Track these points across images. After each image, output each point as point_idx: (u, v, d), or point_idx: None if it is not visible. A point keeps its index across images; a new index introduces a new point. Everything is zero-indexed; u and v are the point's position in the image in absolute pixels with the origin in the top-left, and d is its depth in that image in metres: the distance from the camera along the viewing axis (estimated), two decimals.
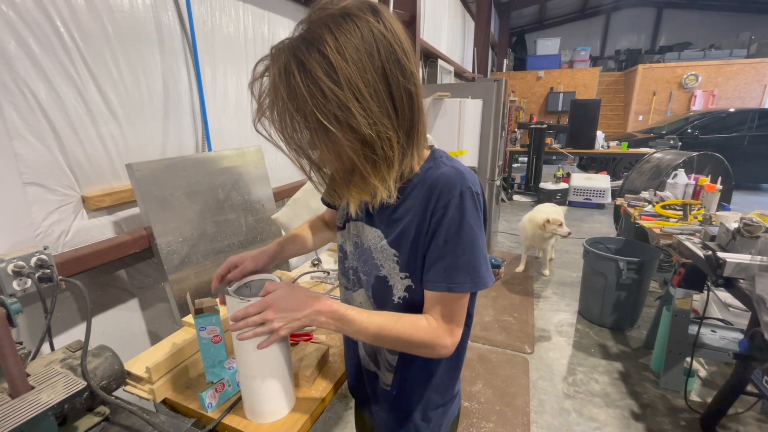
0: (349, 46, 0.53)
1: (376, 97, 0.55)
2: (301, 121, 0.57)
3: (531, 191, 6.74)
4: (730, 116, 7.22)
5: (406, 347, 0.70)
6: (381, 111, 0.56)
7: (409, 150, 0.63)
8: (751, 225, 1.60)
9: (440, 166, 0.68)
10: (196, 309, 0.94)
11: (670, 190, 2.87)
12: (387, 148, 0.58)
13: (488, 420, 1.99)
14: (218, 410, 0.92)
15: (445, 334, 0.67)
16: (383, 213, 0.72)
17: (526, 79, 11.52)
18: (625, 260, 2.53)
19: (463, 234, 0.63)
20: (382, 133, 0.57)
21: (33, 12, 1.05)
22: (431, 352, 0.69)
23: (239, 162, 1.65)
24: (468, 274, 0.65)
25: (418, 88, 0.61)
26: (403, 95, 0.58)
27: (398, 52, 0.57)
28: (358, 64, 0.53)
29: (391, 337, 0.68)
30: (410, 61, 0.59)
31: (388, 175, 0.61)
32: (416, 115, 0.61)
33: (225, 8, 1.70)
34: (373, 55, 0.54)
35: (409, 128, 0.61)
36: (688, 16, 12.29)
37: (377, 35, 0.55)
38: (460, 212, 0.63)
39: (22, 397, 0.70)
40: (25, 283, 0.93)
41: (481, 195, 0.66)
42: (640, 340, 2.65)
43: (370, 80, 0.54)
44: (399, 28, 0.58)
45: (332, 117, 0.54)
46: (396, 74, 0.56)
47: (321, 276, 1.64)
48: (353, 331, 0.69)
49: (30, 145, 1.07)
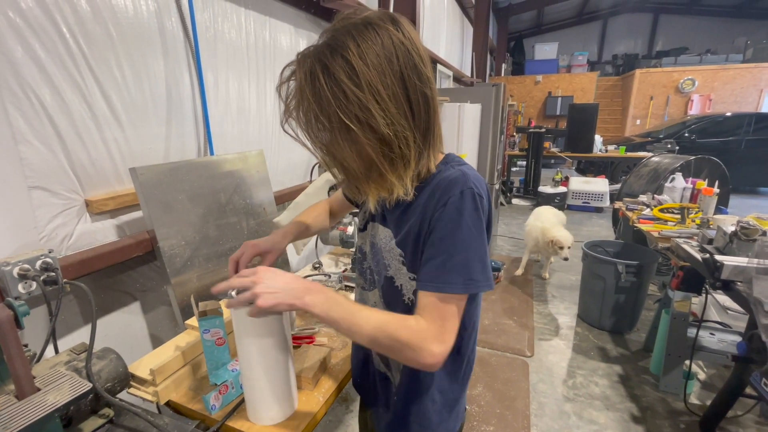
0: (370, 52, 0.57)
1: (394, 99, 0.59)
2: (325, 120, 0.60)
3: (530, 195, 6.77)
4: (727, 120, 7.26)
5: (389, 345, 0.63)
6: (399, 112, 0.60)
7: (426, 150, 0.66)
8: (748, 228, 1.62)
9: (449, 168, 0.70)
10: (200, 311, 0.95)
11: (668, 194, 2.90)
12: (404, 146, 0.62)
13: (488, 423, 2.00)
14: (222, 412, 0.93)
15: (432, 339, 0.62)
16: (395, 213, 0.74)
17: (524, 84, 11.58)
18: (624, 263, 2.55)
19: (459, 233, 0.63)
20: (399, 132, 0.60)
21: (40, 19, 1.07)
22: (416, 357, 0.62)
23: (241, 166, 1.66)
24: (459, 274, 0.63)
25: (434, 92, 0.64)
26: (419, 98, 0.62)
27: (415, 59, 0.61)
28: (378, 68, 0.57)
29: (375, 328, 0.63)
30: (426, 67, 0.63)
31: (404, 173, 0.64)
32: (432, 117, 0.65)
33: (227, 14, 1.72)
34: (392, 60, 0.59)
35: (425, 129, 0.65)
36: (685, 21, 12.40)
37: (396, 43, 0.59)
38: (458, 211, 0.63)
39: (29, 399, 0.71)
40: (30, 285, 0.94)
41: (485, 198, 0.66)
42: (639, 343, 2.66)
43: (389, 83, 0.58)
44: (416, 37, 0.63)
45: (353, 117, 0.58)
46: (413, 79, 0.61)
47: (322, 279, 1.65)
48: (338, 317, 0.64)
49: (35, 150, 1.08)
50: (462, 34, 7.89)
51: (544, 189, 6.12)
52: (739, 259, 1.56)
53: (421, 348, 0.61)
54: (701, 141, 7.21)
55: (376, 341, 0.64)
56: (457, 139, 3.10)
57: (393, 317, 0.66)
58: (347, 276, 1.58)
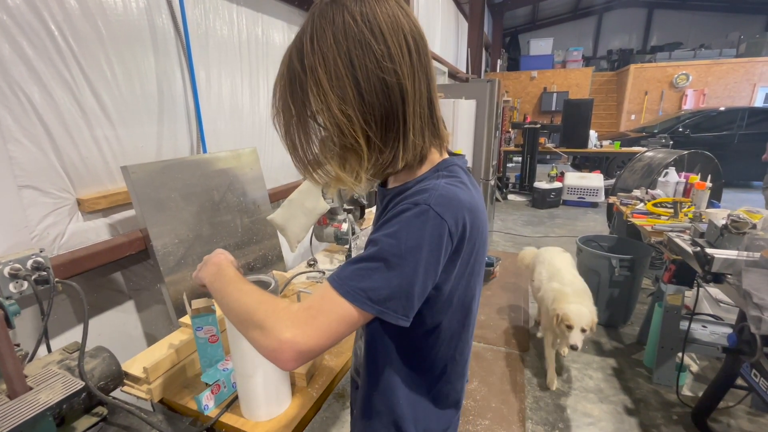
0: (321, 33, 0.53)
1: (336, 82, 0.53)
2: (281, 107, 0.60)
3: (525, 190, 6.79)
4: (721, 115, 7.31)
5: (243, 320, 0.56)
6: (341, 98, 0.53)
7: (391, 145, 0.57)
8: (738, 221, 1.64)
9: (431, 178, 0.60)
10: (192, 309, 0.95)
11: (662, 188, 2.92)
12: (351, 137, 0.55)
13: (484, 417, 2.01)
14: (215, 411, 0.93)
15: (290, 324, 0.51)
16: (376, 213, 0.73)
17: (519, 80, 11.59)
18: (618, 258, 2.57)
19: (381, 240, 0.53)
20: (341, 121, 0.54)
21: (27, 15, 1.05)
22: (259, 338, 0.52)
23: (234, 164, 1.65)
24: (346, 273, 0.53)
25: (401, 75, 0.54)
26: (372, 83, 0.53)
27: (367, 37, 0.52)
28: (323, 48, 0.53)
29: (238, 301, 0.58)
30: (387, 45, 0.53)
31: (359, 166, 0.57)
32: (395, 106, 0.55)
33: (219, 11, 1.71)
34: (338, 41, 0.52)
35: (385, 120, 0.55)
36: (679, 16, 12.44)
37: (347, 20, 0.52)
38: (397, 219, 0.54)
39: (21, 398, 0.71)
40: (21, 285, 0.93)
41: (448, 226, 0.53)
42: (633, 337, 2.69)
43: (331, 65, 0.53)
44: (383, 12, 0.53)
45: (299, 103, 0.57)
46: (363, 61, 0.52)
47: (317, 276, 1.65)
48: (218, 288, 0.64)
49: (24, 148, 1.08)
50: (457, 30, 7.87)
51: (540, 185, 6.14)
52: (730, 252, 1.58)
53: (270, 328, 0.51)
54: (695, 135, 7.26)
55: (236, 314, 0.58)
56: (451, 135, 3.09)
57: (265, 294, 0.58)
58: None
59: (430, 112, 0.59)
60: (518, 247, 4.39)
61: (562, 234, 4.83)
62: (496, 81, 3.67)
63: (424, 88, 0.57)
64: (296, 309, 0.53)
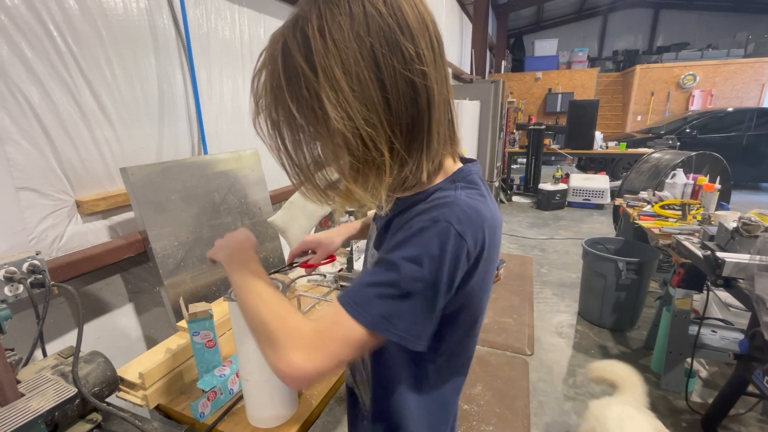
0: (334, 25, 0.44)
1: (358, 85, 0.45)
2: (281, 112, 0.51)
3: (530, 192, 6.74)
4: (728, 116, 7.22)
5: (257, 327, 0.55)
6: (364, 103, 0.46)
7: (415, 156, 0.51)
8: (750, 224, 1.60)
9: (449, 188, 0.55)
10: (189, 314, 0.93)
11: (669, 190, 2.87)
12: (372, 149, 0.47)
13: (488, 423, 1.98)
14: (211, 419, 0.91)
15: (301, 346, 0.49)
16: (379, 222, 0.67)
17: (524, 81, 11.53)
18: (625, 261, 2.52)
19: (401, 264, 0.49)
20: (363, 129, 0.46)
21: (26, 17, 1.05)
22: (272, 356, 0.51)
23: (235, 165, 1.64)
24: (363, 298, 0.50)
25: (430, 79, 0.48)
26: (400, 86, 0.46)
27: (397, 33, 0.45)
28: (339, 45, 0.44)
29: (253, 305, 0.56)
30: (419, 44, 0.47)
31: (378, 182, 0.50)
32: (423, 112, 0.49)
33: (220, 11, 1.70)
34: (361, 36, 0.44)
35: (411, 128, 0.49)
36: (685, 16, 12.33)
37: (370, 12, 0.44)
38: (417, 239, 0.49)
39: (11, 405, 0.69)
40: (17, 288, 0.92)
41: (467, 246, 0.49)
42: (640, 341, 2.64)
43: (352, 65, 0.45)
44: (409, 5, 0.47)
45: (309, 109, 0.48)
46: (390, 60, 0.45)
47: (318, 279, 1.63)
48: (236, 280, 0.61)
49: (23, 150, 1.07)
50: (461, 31, 7.85)
51: (545, 186, 6.09)
52: (741, 255, 1.54)
53: (282, 347, 0.50)
54: (702, 137, 7.17)
55: (250, 318, 0.56)
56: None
57: (283, 304, 0.54)
58: (343, 276, 1.56)
59: (449, 116, 0.54)
60: (523, 249, 4.36)
61: (568, 236, 4.78)
62: (501, 82, 3.64)
63: (445, 90, 0.51)
64: (309, 331, 0.50)
